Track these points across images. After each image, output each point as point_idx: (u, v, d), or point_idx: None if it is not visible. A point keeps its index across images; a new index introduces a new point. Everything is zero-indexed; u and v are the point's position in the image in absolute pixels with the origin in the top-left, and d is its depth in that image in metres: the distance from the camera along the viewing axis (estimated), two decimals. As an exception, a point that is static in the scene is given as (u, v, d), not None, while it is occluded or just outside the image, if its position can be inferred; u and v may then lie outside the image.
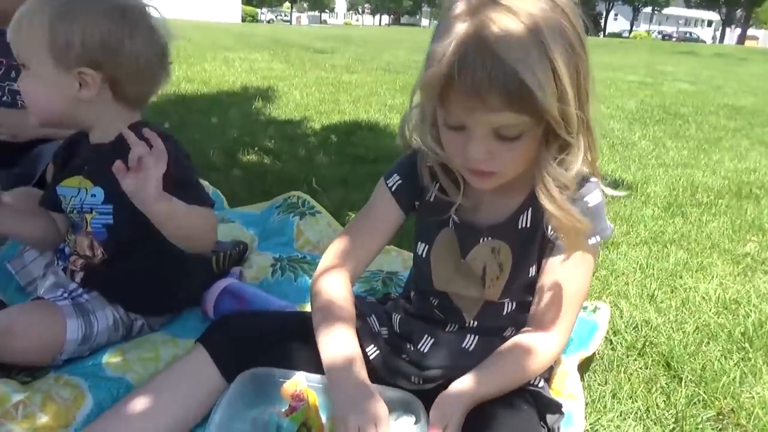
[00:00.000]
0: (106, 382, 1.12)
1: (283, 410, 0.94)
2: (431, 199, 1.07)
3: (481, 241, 1.06)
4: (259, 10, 59.79)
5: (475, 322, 1.11)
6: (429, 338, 1.11)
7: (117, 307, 1.28)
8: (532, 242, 1.04)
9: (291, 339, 1.09)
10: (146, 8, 1.20)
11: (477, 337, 1.11)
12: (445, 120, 0.90)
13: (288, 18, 69.87)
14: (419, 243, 1.12)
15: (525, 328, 1.04)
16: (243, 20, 41.61)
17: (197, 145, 3.15)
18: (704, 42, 44.53)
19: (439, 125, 0.93)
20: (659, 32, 57.71)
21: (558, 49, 0.81)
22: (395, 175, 1.11)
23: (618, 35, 52.32)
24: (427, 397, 1.04)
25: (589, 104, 0.89)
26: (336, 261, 1.10)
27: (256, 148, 3.17)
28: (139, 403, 0.99)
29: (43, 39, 1.12)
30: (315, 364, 1.00)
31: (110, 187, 1.19)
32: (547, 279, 1.02)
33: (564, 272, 1.01)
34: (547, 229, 1.01)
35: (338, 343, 0.99)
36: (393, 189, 1.10)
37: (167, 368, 1.10)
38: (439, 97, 0.86)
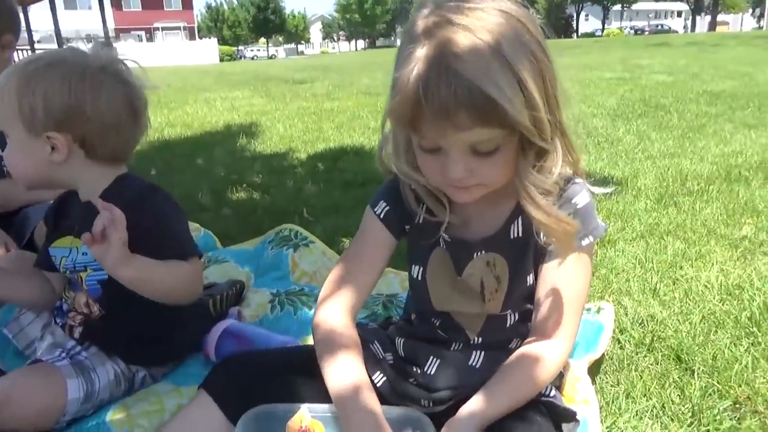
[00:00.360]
0: (112, 440, 1.10)
1: None
2: (420, 222, 1.07)
3: (475, 255, 1.05)
4: (235, 49, 60.38)
5: (480, 339, 1.09)
6: (435, 359, 1.10)
7: (117, 360, 1.27)
8: (526, 251, 1.03)
9: (295, 373, 1.07)
10: (114, 65, 1.21)
11: (483, 353, 1.09)
12: (420, 144, 0.90)
13: (264, 53, 70.63)
14: (413, 266, 1.12)
15: (529, 339, 1.03)
16: (221, 60, 42.00)
17: (185, 188, 3.15)
18: (676, 32, 45.17)
19: (414, 149, 0.93)
20: (631, 28, 58.54)
21: (520, 59, 0.81)
22: (381, 201, 1.10)
23: (591, 35, 53.01)
24: (438, 419, 1.02)
25: (560, 108, 0.89)
26: (335, 291, 1.09)
27: (244, 185, 3.17)
28: None
29: (13, 108, 1.15)
30: (321, 396, 0.98)
31: None
32: (545, 286, 1.01)
33: (561, 277, 1.00)
34: (539, 235, 0.99)
35: (343, 371, 0.97)
36: (381, 216, 1.10)
37: (172, 418, 1.08)
38: (409, 123, 0.86)
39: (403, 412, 0.98)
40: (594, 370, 1.34)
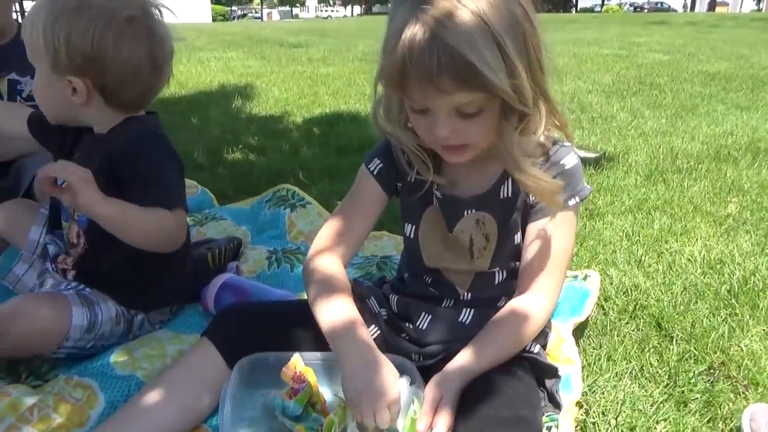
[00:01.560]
0: (116, 381, 1.14)
1: (285, 392, 0.97)
2: (412, 180, 1.11)
3: (465, 213, 1.10)
4: (228, 9, 59.09)
5: (469, 294, 1.14)
6: (427, 315, 1.15)
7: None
8: (514, 210, 1.08)
9: (292, 324, 1.12)
10: (144, 12, 1.20)
11: (472, 309, 1.14)
12: (410, 105, 0.95)
13: (258, 15, 69.18)
14: (406, 224, 1.17)
15: (514, 295, 1.08)
16: (213, 20, 41.10)
17: (180, 146, 3.12)
18: (675, 11, 44.81)
19: (406, 109, 0.98)
20: (631, 4, 57.90)
21: (503, 27, 0.85)
22: (375, 159, 1.15)
23: (590, 10, 52.47)
24: (427, 373, 1.07)
25: (544, 75, 0.93)
26: (327, 244, 1.14)
27: (240, 146, 3.17)
28: (152, 397, 1.01)
29: (39, 43, 1.15)
30: (316, 345, 1.04)
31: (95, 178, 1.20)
32: (530, 243, 1.06)
33: (546, 234, 1.05)
34: (528, 195, 1.05)
35: (337, 310, 1.02)
36: (375, 172, 1.14)
37: (175, 363, 1.13)
38: (397, 85, 0.90)
39: (392, 359, 1.02)
40: (578, 333, 1.40)
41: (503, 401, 0.95)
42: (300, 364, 0.99)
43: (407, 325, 1.16)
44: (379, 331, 1.15)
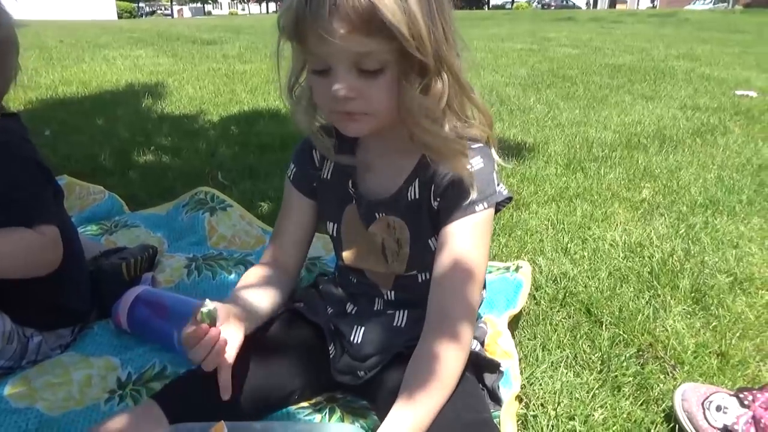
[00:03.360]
0: (11, 416, 1.00)
1: None
2: (328, 177, 1.08)
3: (376, 216, 1.05)
4: (135, 5, 56.27)
5: (393, 294, 1.11)
6: (359, 328, 1.09)
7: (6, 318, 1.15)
8: (422, 214, 1.02)
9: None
10: None
11: (405, 311, 1.10)
12: (311, 65, 0.91)
13: (168, 12, 66.40)
14: (328, 222, 1.13)
15: (430, 323, 0.96)
16: (119, 17, 39.03)
17: (85, 149, 2.92)
18: (580, 8, 47.09)
19: (308, 75, 0.94)
20: (539, 1, 60.34)
21: None
22: (291, 164, 1.13)
23: (501, 7, 54.27)
24: (367, 387, 1.04)
25: (449, 45, 0.89)
26: (260, 265, 1.12)
27: (152, 147, 2.98)
28: None
29: None
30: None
31: None
32: (439, 254, 0.97)
33: (455, 244, 0.96)
34: (432, 199, 0.99)
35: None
36: (291, 178, 1.13)
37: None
38: (295, 34, 0.87)
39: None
40: (513, 325, 1.39)
41: (462, 404, 0.90)
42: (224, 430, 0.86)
43: (346, 340, 1.10)
44: (334, 351, 1.09)
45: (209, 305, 0.87)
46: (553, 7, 46.93)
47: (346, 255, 1.11)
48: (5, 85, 1.14)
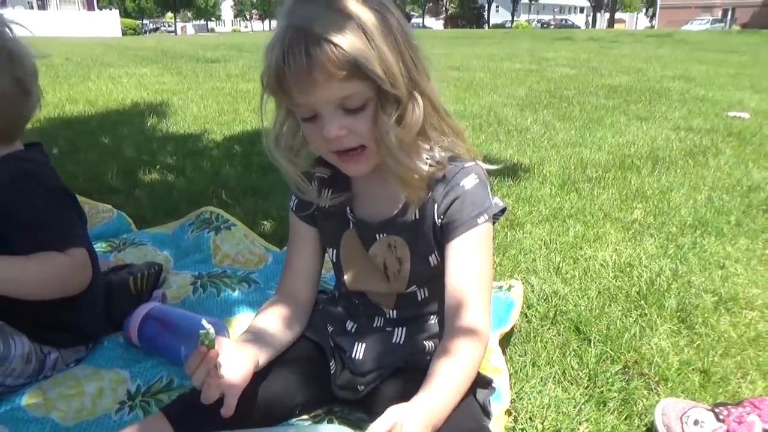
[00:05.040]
0: (28, 425, 1.07)
1: None
2: (326, 206, 1.13)
3: (377, 237, 1.11)
4: (139, 22, 56.91)
5: (395, 312, 1.16)
6: (360, 344, 1.15)
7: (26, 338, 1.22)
8: (424, 232, 1.08)
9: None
10: None
11: (404, 328, 1.16)
12: (300, 114, 0.97)
13: (172, 29, 67.18)
14: (328, 248, 1.18)
15: (447, 329, 1.03)
16: (124, 33, 39.46)
17: (91, 168, 3.00)
18: (579, 27, 47.63)
19: (300, 124, 1.00)
20: (538, 21, 61.04)
21: (368, 19, 0.90)
22: (292, 195, 1.18)
23: (501, 26, 54.83)
24: (363, 398, 1.10)
25: (420, 72, 0.96)
26: (275, 298, 1.16)
27: (158, 166, 3.06)
28: None
29: None
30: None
31: None
32: (450, 267, 1.04)
33: (465, 257, 1.03)
34: (436, 217, 1.06)
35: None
36: (294, 208, 1.18)
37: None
38: (280, 90, 0.93)
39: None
40: (504, 342, 1.46)
41: (462, 412, 0.96)
42: None
43: (347, 355, 1.16)
44: (335, 368, 1.15)
45: (207, 328, 0.91)
46: (552, 27, 47.43)
47: (348, 279, 1.16)
48: (31, 112, 1.20)
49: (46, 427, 1.07)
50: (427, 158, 1.02)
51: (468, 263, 1.04)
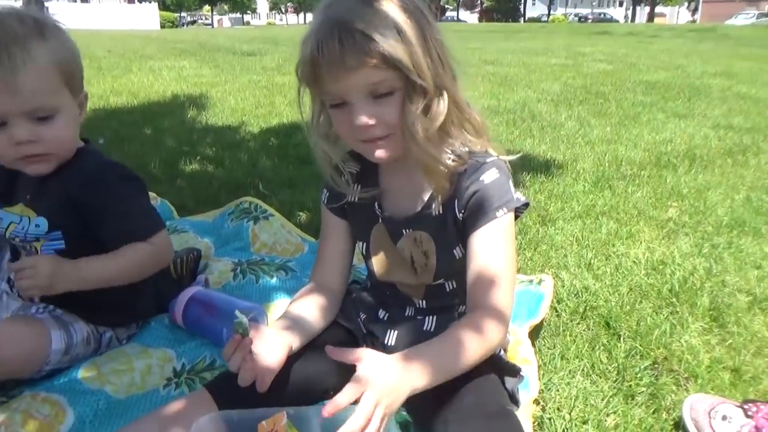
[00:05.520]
0: (84, 396, 1.15)
1: None
2: (355, 200, 1.17)
3: (403, 232, 1.15)
4: (177, 15, 57.93)
5: (424, 302, 1.20)
6: (392, 332, 1.20)
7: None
8: (448, 226, 1.11)
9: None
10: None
11: (434, 317, 1.20)
12: (329, 102, 1.02)
13: (209, 21, 68.15)
14: (358, 242, 1.23)
15: (469, 314, 1.06)
16: (162, 26, 40.22)
17: (135, 158, 3.11)
18: (618, 21, 46.60)
19: (328, 111, 1.05)
20: (575, 15, 59.91)
21: (400, 13, 0.95)
22: (324, 189, 1.23)
23: (537, 20, 54.06)
24: None
25: (446, 69, 1.01)
26: (309, 287, 1.22)
27: (198, 157, 3.16)
28: None
29: (55, 77, 1.14)
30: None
31: (54, 218, 1.23)
32: (471, 260, 1.07)
33: (485, 250, 1.05)
34: (457, 211, 1.09)
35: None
36: (325, 202, 1.24)
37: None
38: (313, 80, 0.99)
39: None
40: (534, 334, 1.48)
41: (487, 396, 1.00)
42: (283, 421, 0.94)
43: (377, 342, 1.21)
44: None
45: (240, 318, 0.96)
46: (590, 20, 46.51)
47: (378, 270, 1.21)
48: (83, 111, 1.27)
49: (100, 399, 1.15)
50: (449, 152, 1.05)
51: (489, 252, 1.05)
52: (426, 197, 1.12)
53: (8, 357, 1.14)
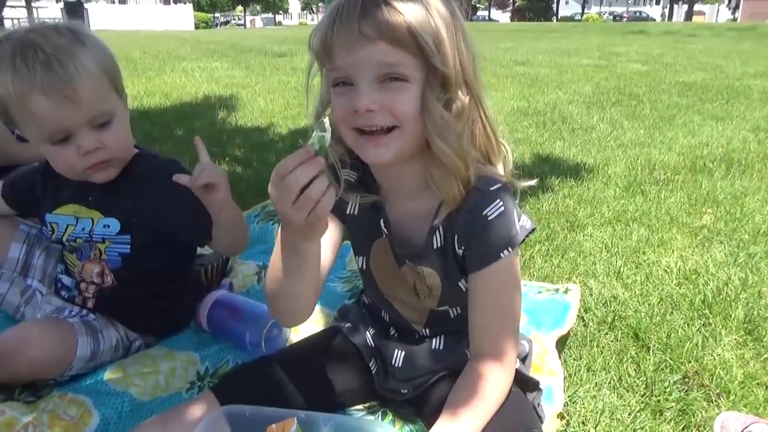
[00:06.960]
0: (110, 398, 1.17)
1: None
2: (355, 212, 1.10)
3: (406, 262, 1.10)
4: (211, 16, 58.88)
5: (427, 330, 1.16)
6: (400, 352, 1.17)
7: (118, 327, 1.33)
8: (448, 259, 1.05)
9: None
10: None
11: (442, 337, 1.16)
12: (333, 81, 0.92)
13: (241, 22, 69.07)
14: (357, 257, 1.18)
15: (471, 362, 1.03)
16: (196, 27, 40.90)
17: (167, 160, 3.17)
18: (654, 20, 45.61)
19: (331, 93, 0.94)
20: (610, 13, 58.82)
21: (431, 4, 0.88)
22: None
23: (570, 19, 53.26)
24: (410, 399, 1.13)
25: (471, 67, 0.93)
26: None
27: (227, 158, 3.20)
28: None
29: (105, 83, 1.18)
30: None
31: (128, 220, 1.26)
32: (474, 301, 1.02)
33: (487, 291, 1.00)
34: (457, 247, 1.02)
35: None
36: None
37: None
38: (324, 51, 0.90)
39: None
40: (560, 345, 1.45)
41: (514, 419, 0.98)
42: (293, 426, 0.93)
43: (387, 360, 1.18)
44: (376, 368, 1.18)
45: (325, 132, 0.81)
46: (625, 19, 45.62)
47: (381, 283, 1.16)
48: (127, 112, 1.30)
49: (125, 401, 1.17)
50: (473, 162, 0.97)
51: (492, 297, 1.01)
52: (427, 229, 1.03)
53: (35, 358, 1.17)
